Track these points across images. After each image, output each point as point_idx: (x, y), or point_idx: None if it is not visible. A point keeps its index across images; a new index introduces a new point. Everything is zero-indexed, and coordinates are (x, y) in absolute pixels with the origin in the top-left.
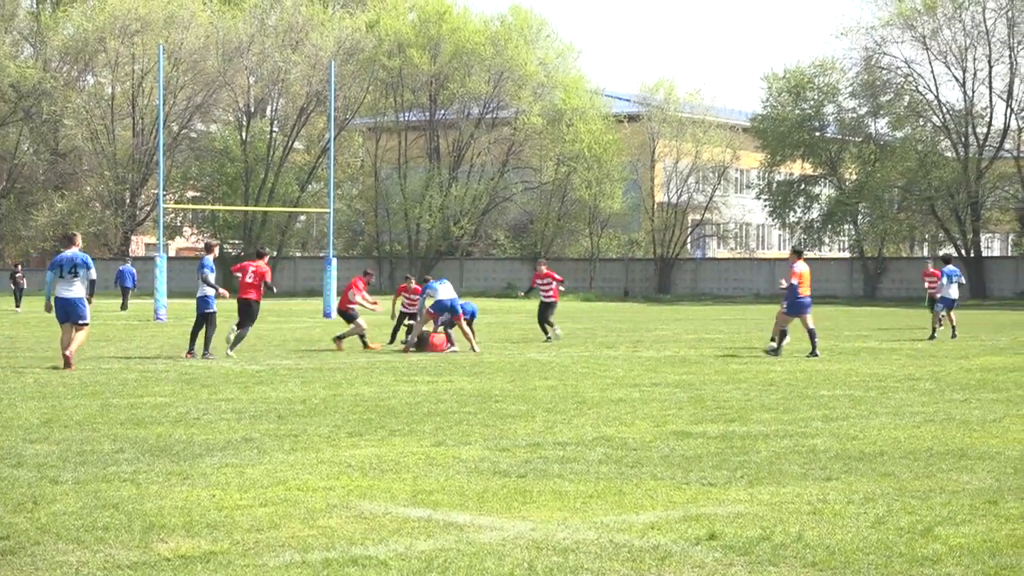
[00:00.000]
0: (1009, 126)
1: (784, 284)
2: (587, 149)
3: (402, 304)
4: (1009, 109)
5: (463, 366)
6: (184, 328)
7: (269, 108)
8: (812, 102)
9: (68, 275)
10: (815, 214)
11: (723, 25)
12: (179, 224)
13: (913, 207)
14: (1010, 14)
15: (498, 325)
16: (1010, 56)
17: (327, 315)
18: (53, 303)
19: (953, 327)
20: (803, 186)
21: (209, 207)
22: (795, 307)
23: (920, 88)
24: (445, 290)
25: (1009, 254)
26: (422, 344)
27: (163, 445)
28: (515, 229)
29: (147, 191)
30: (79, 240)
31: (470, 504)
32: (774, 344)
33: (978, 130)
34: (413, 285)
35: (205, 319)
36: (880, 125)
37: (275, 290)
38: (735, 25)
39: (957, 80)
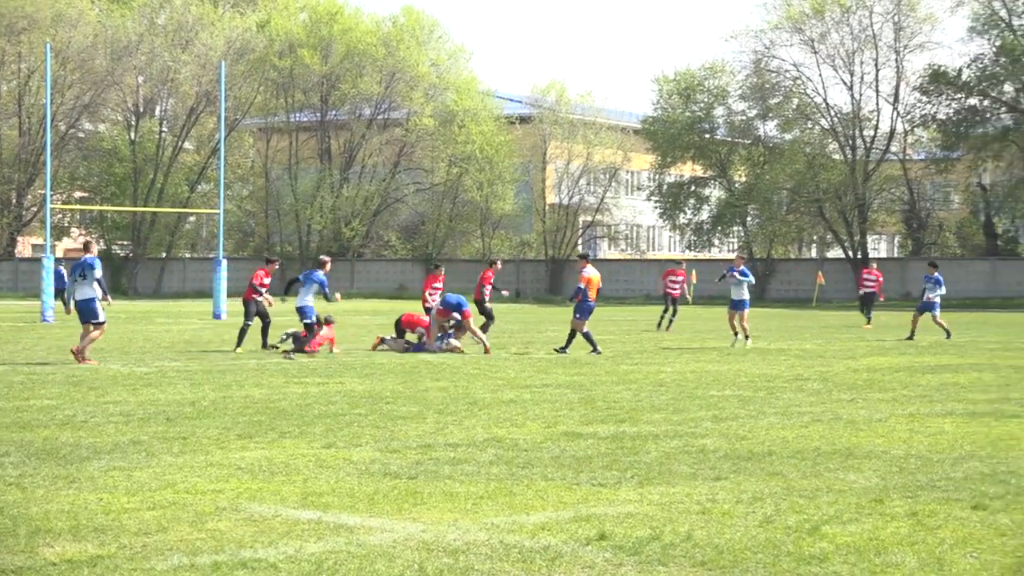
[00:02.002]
0: (895, 129)
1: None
2: (479, 150)
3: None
4: (895, 112)
5: (354, 367)
6: (72, 331)
7: (158, 108)
8: (702, 104)
9: (80, 278)
10: (705, 216)
11: (614, 27)
12: (67, 225)
13: (801, 209)
14: (896, 18)
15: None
16: (896, 60)
17: (217, 316)
18: (73, 306)
19: (946, 328)
20: (693, 188)
21: (97, 207)
22: (586, 311)
23: (809, 91)
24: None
25: (895, 255)
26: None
27: (49, 448)
28: (407, 230)
29: (34, 191)
30: (93, 247)
31: (360, 506)
32: (566, 347)
33: (865, 133)
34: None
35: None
36: (769, 128)
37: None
38: (626, 28)
39: (845, 83)
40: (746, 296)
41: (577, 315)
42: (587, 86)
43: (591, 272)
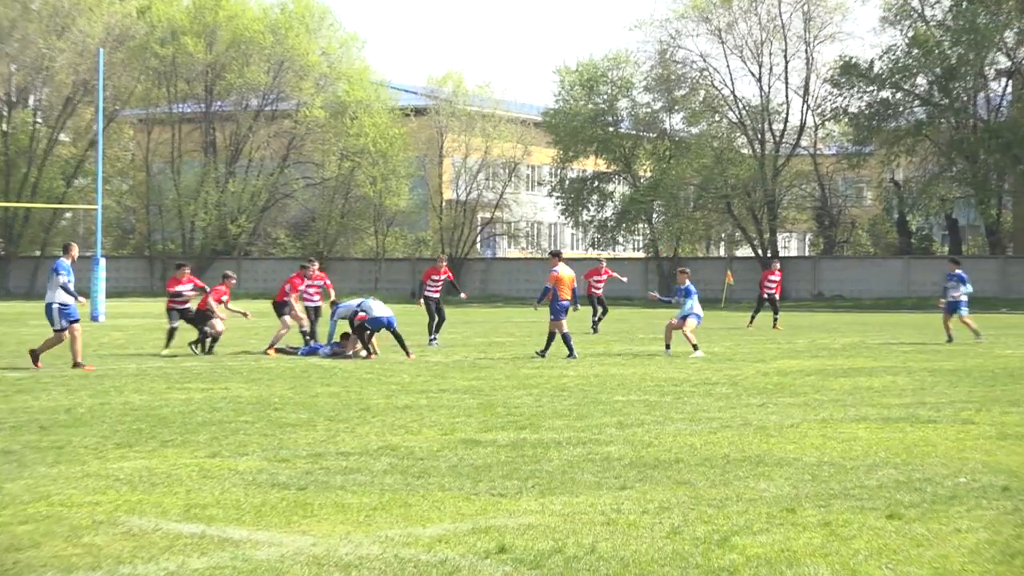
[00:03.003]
0: (805, 123)
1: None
2: (372, 144)
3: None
4: (805, 105)
5: (240, 372)
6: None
7: (32, 97)
8: (606, 96)
9: (49, 283)
10: (609, 212)
11: (514, 16)
12: None
13: (709, 205)
14: (806, 8)
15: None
16: (806, 51)
17: (95, 318)
18: None
19: (974, 330)
20: (596, 183)
21: None
22: (561, 311)
23: (716, 83)
24: (379, 307)
25: (806, 254)
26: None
27: None
28: (296, 227)
29: None
30: (71, 250)
31: (247, 519)
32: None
33: (774, 127)
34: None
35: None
36: (675, 121)
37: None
38: (527, 16)
39: (753, 75)
40: (698, 311)
41: (552, 316)
42: (486, 77)
43: (562, 270)
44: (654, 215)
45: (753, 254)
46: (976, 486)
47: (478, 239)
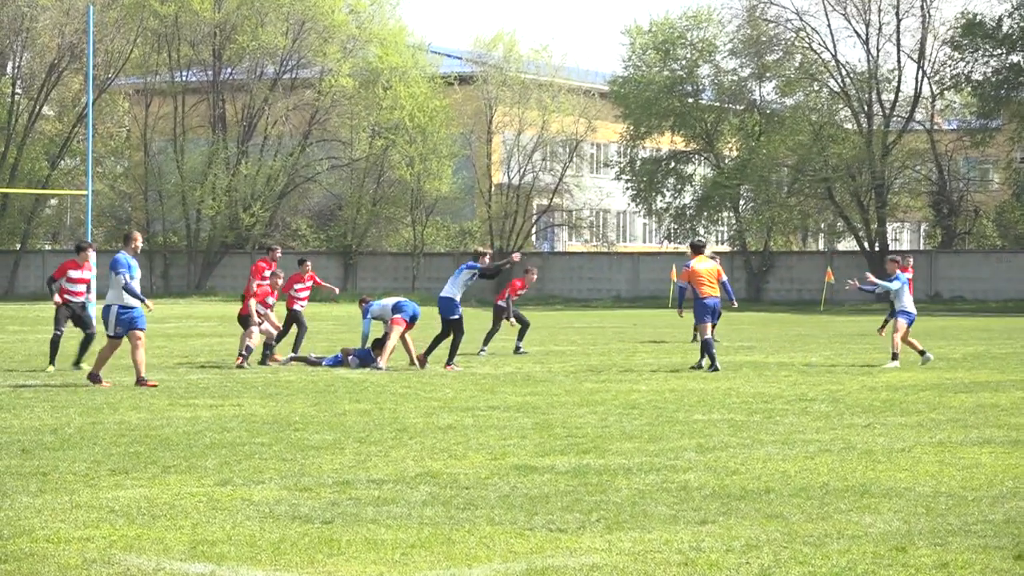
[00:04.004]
0: (920, 93)
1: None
2: (409, 118)
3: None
4: (920, 72)
5: (255, 386)
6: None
7: (11, 64)
8: (684, 62)
9: (111, 282)
10: (688, 199)
11: None
12: None
13: (806, 190)
14: None
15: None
16: (922, 7)
17: None
18: None
19: None
20: (673, 164)
21: None
22: (698, 311)
23: (815, 46)
24: (390, 299)
25: (921, 248)
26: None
27: None
28: (320, 217)
29: None
30: (134, 240)
31: (263, 557)
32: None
33: (884, 97)
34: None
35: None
36: (766, 90)
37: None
38: None
39: (859, 36)
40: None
41: (695, 319)
42: (543, 39)
43: (698, 263)
44: (741, 202)
45: (858, 247)
46: None
47: (533, 230)
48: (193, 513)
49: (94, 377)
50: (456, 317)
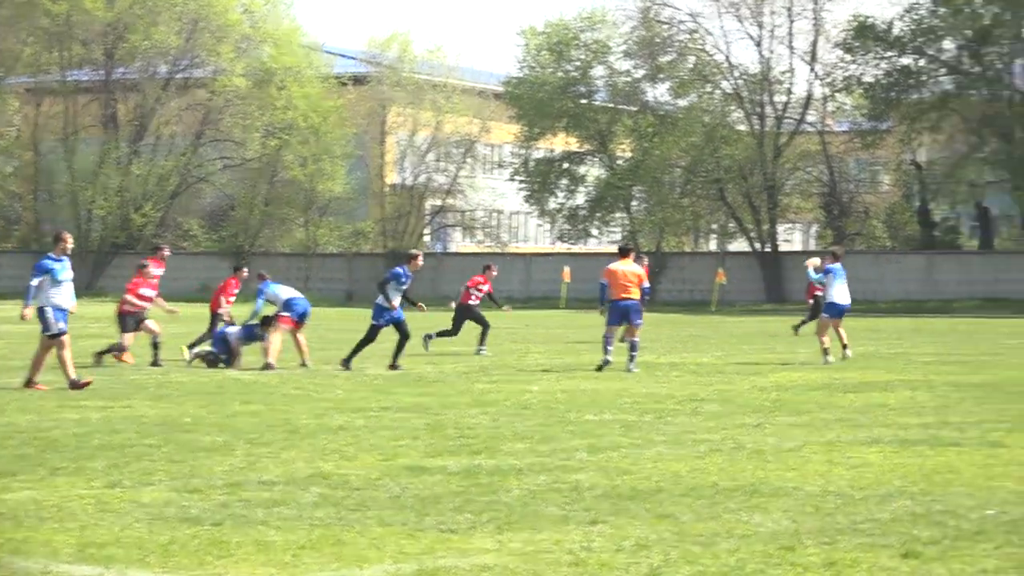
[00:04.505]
0: (812, 95)
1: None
2: (302, 118)
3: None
4: (813, 74)
5: (145, 387)
6: None
7: None
8: (578, 63)
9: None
10: (581, 199)
11: None
12: None
13: (698, 191)
14: None
15: (192, 336)
16: (814, 10)
17: None
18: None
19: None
20: (566, 165)
21: None
22: (609, 313)
23: (708, 47)
24: (287, 291)
25: (812, 248)
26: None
27: None
28: (212, 217)
29: None
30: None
31: (152, 559)
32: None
33: (776, 99)
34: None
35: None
36: (660, 92)
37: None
38: None
39: (752, 38)
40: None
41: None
42: (437, 40)
43: (618, 265)
44: (633, 202)
45: (749, 248)
46: (1007, 519)
47: (427, 231)
48: (81, 515)
49: (30, 383)
50: (394, 321)
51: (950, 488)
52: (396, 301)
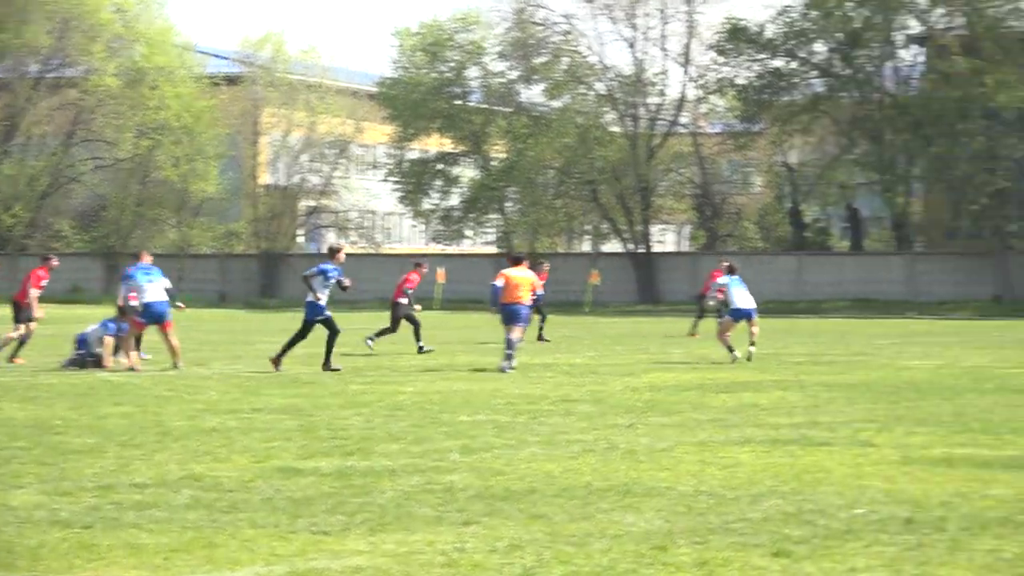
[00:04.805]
0: (685, 96)
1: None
2: (175, 118)
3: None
4: (686, 76)
5: (14, 389)
6: None
7: None
8: (453, 64)
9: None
10: (455, 200)
11: None
12: None
13: (572, 192)
14: None
15: (63, 338)
16: (688, 12)
17: None
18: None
19: None
20: (441, 166)
21: None
22: (503, 316)
23: (582, 49)
24: (154, 290)
25: (684, 249)
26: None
27: None
28: (84, 217)
29: None
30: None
31: (21, 563)
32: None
33: (649, 101)
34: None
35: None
36: (534, 93)
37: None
38: None
39: (625, 40)
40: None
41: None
42: (311, 40)
43: (512, 271)
44: (507, 203)
45: (623, 249)
46: (875, 518)
47: (301, 231)
48: None
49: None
50: (321, 319)
51: (820, 487)
52: (324, 297)
